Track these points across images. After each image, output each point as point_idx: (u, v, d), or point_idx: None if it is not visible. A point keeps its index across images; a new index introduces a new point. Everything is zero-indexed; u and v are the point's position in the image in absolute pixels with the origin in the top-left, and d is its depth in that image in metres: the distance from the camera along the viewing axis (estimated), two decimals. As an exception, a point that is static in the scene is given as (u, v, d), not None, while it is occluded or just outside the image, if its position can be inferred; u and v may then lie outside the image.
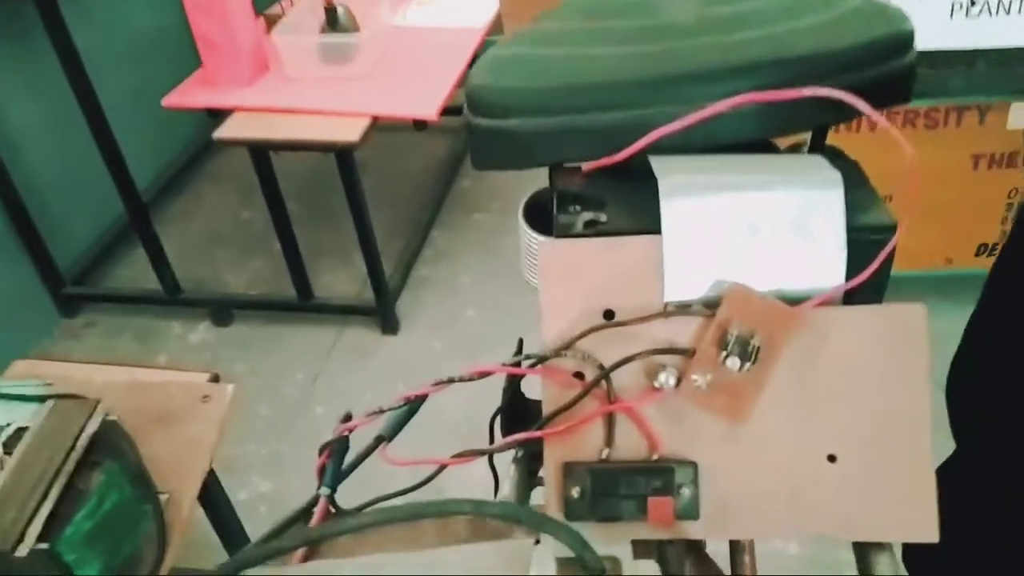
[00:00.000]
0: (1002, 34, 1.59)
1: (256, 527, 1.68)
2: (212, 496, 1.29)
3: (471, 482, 0.60)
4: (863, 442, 0.46)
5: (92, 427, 0.96)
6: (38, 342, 2.17)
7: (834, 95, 0.45)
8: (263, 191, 1.88)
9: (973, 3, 1.57)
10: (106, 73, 1.99)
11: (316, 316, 2.15)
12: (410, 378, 1.98)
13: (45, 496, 0.88)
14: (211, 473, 1.21)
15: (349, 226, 1.96)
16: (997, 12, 1.59)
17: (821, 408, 0.46)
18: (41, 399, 1.01)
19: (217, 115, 1.85)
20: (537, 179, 0.63)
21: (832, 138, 0.58)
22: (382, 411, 0.50)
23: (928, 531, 0.45)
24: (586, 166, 0.52)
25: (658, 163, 0.50)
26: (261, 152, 1.80)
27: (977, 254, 1.90)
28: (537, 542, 0.31)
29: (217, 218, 2.55)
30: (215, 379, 1.29)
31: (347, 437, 0.50)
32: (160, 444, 1.12)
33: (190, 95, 1.83)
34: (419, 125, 2.75)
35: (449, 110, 1.73)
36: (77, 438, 0.94)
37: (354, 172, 1.80)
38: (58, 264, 2.17)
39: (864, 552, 0.48)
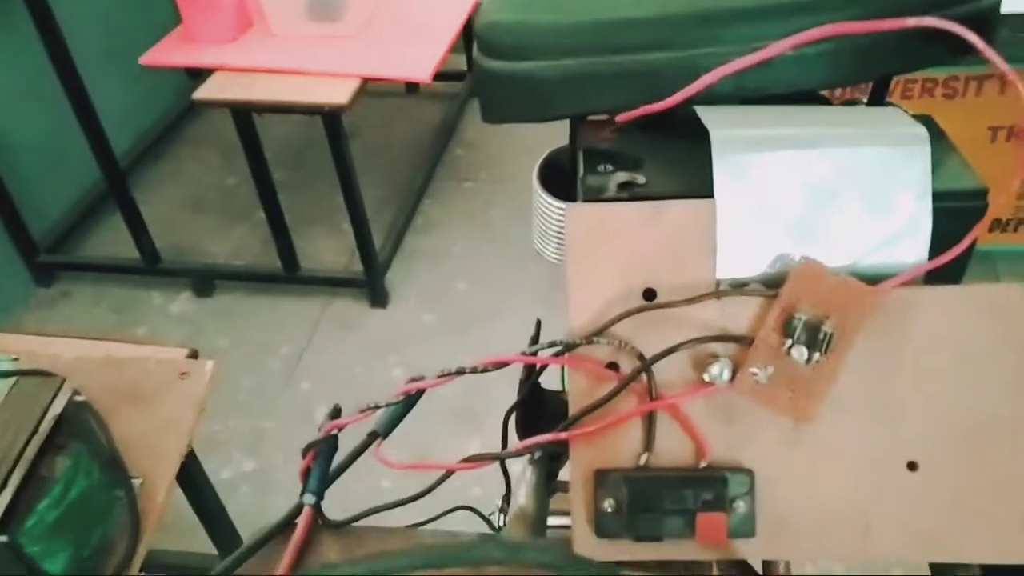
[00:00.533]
0: (1028, -2, 1.51)
1: (239, 508, 1.60)
2: (191, 478, 1.22)
3: (480, 482, 0.53)
4: (950, 447, 0.39)
5: (57, 407, 0.89)
6: (11, 312, 2.08)
7: (946, 26, 0.37)
8: (247, 156, 1.79)
9: (999, -37, 1.48)
10: (80, 31, 1.88)
11: (302, 287, 2.08)
12: (400, 352, 1.91)
13: (4, 484, 0.81)
14: (190, 454, 1.14)
15: (337, 194, 1.88)
16: (1023, -26, 1.50)
17: (901, 407, 0.39)
18: (5, 375, 0.93)
19: (198, 75, 1.75)
20: (540, 145, 0.54)
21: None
22: (377, 407, 0.42)
23: (1022, 552, 0.39)
24: (620, 117, 0.44)
25: (708, 114, 0.42)
26: (244, 114, 1.70)
27: (991, 230, 1.83)
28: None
29: (199, 184, 2.46)
30: (194, 355, 1.21)
31: (335, 436, 0.43)
32: (134, 424, 1.04)
33: (169, 53, 1.72)
34: (411, 88, 2.65)
35: (442, 74, 1.64)
36: (40, 420, 0.87)
37: (342, 137, 1.72)
38: (32, 232, 2.08)
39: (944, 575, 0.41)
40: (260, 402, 1.83)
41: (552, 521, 0.55)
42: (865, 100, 0.53)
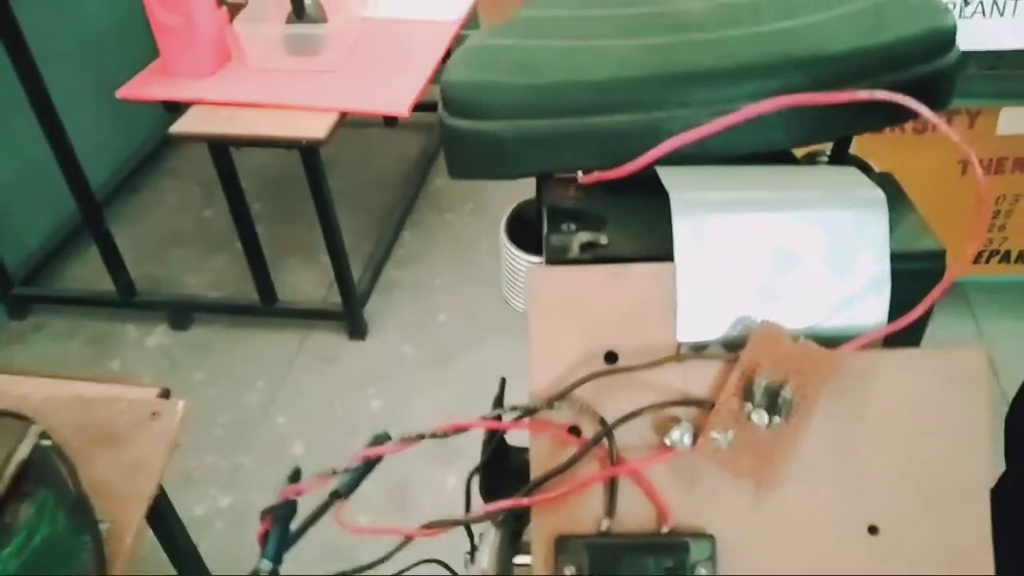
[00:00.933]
0: (995, 37, 1.54)
1: (212, 545, 1.58)
2: (162, 518, 1.20)
3: (444, 541, 0.53)
4: (910, 511, 0.39)
5: (23, 452, 0.87)
6: (-18, 346, 2.05)
7: (895, 99, 0.38)
8: (224, 190, 1.79)
9: (967, 3, 1.51)
10: (57, 63, 1.88)
11: (280, 320, 2.06)
12: (379, 385, 1.90)
13: (-35, 533, 0.79)
14: (161, 494, 1.12)
15: (315, 226, 1.87)
16: (991, 14, 1.54)
17: (861, 470, 0.39)
18: (-27, 415, 0.91)
19: (175, 108, 1.74)
20: (522, 179, 0.55)
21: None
22: (335, 473, 0.42)
23: (986, 615, 0.38)
24: (582, 179, 0.45)
25: (668, 175, 0.42)
26: (221, 148, 1.70)
27: (964, 262, 1.86)
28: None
29: (176, 217, 2.44)
30: (165, 394, 1.19)
31: (294, 501, 0.42)
32: (104, 467, 1.03)
33: (146, 86, 1.72)
34: (390, 121, 2.66)
35: (421, 106, 1.64)
36: (5, 466, 0.85)
37: (320, 170, 1.71)
38: (6, 263, 2.06)
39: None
40: (236, 437, 1.81)
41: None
42: (828, 153, 0.54)
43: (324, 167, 1.74)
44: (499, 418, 0.39)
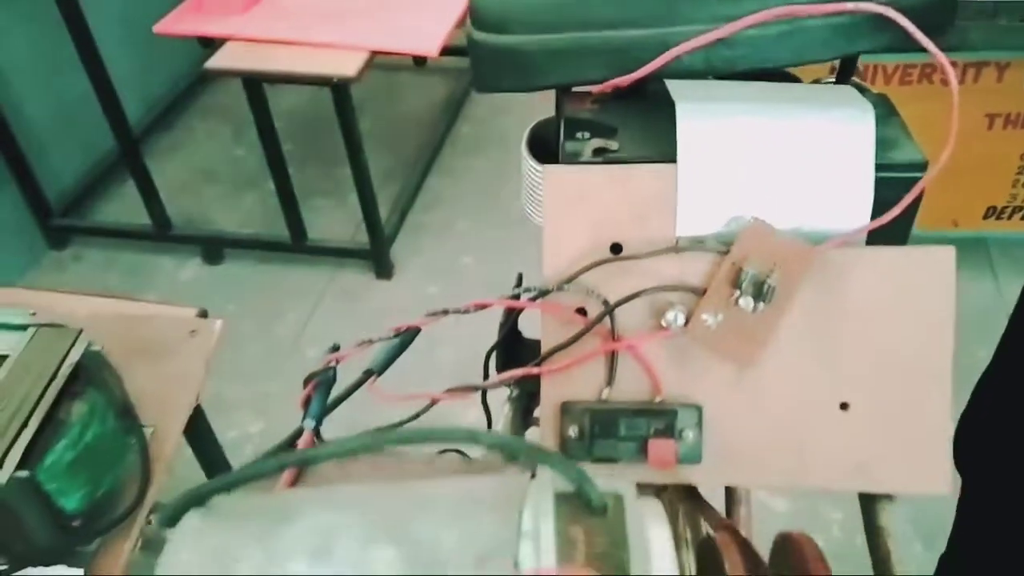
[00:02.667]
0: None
1: (243, 466, 1.67)
2: (198, 432, 1.27)
3: (463, 422, 0.58)
4: (878, 390, 0.43)
5: (75, 356, 0.94)
6: (24, 273, 2.13)
7: (880, 11, 0.41)
8: (257, 126, 1.83)
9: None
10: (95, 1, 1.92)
11: (309, 258, 2.12)
12: (403, 323, 1.96)
13: (25, 424, 0.86)
14: (197, 409, 1.19)
15: (344, 168, 1.92)
16: (1020, -38, 1.53)
17: (836, 353, 0.44)
18: (23, 327, 0.98)
19: (209, 45, 1.79)
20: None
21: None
22: (371, 342, 0.47)
23: (940, 484, 0.43)
24: (596, 88, 0.49)
25: (676, 88, 0.46)
26: (255, 84, 1.74)
27: (985, 216, 1.87)
28: (533, 476, 0.29)
29: (209, 155, 2.50)
30: (203, 314, 1.26)
31: (334, 368, 0.48)
32: (146, 378, 1.09)
33: (182, 22, 1.76)
34: (419, 62, 2.68)
35: (449, 50, 1.67)
36: (59, 367, 0.92)
37: (350, 109, 1.75)
38: (47, 195, 2.12)
39: (870, 504, 0.45)
40: (266, 367, 1.88)
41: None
42: (833, 79, 0.57)
43: (354, 108, 1.78)
44: (517, 298, 0.44)
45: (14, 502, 0.85)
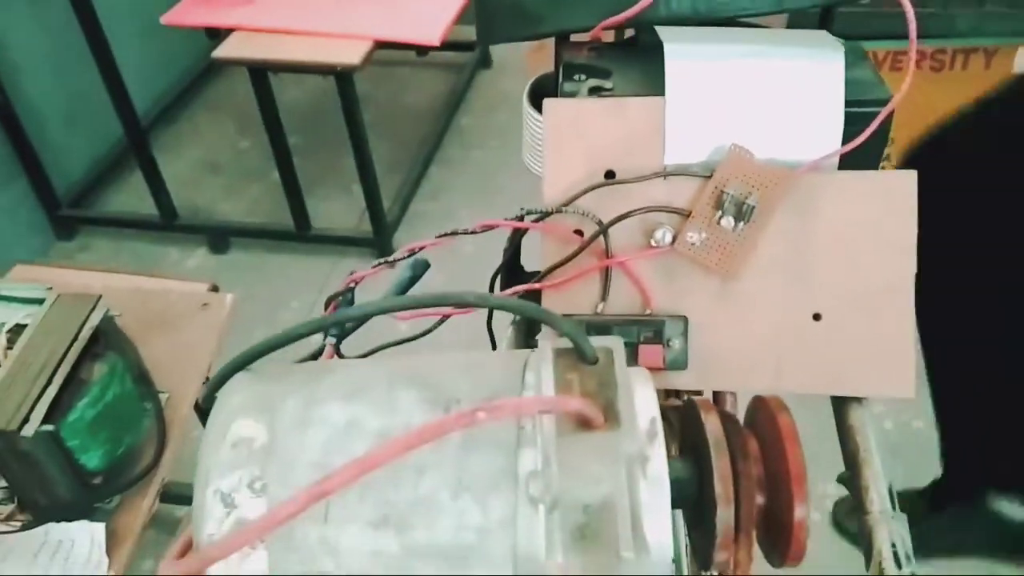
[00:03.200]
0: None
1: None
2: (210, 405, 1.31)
3: (469, 344, 0.62)
4: (848, 302, 0.48)
5: (95, 320, 0.98)
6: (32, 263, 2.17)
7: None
8: (262, 115, 1.88)
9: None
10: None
11: (313, 246, 2.16)
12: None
13: (49, 382, 0.90)
14: (208, 379, 1.23)
15: (348, 159, 1.96)
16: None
17: (810, 269, 0.48)
18: (40, 301, 1.02)
19: (216, 37, 1.83)
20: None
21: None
22: (386, 262, 0.51)
23: (905, 387, 0.47)
24: (592, 33, 0.53)
25: (665, 33, 0.51)
26: (261, 74, 1.79)
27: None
28: (532, 348, 0.33)
29: (214, 147, 2.55)
30: (214, 289, 1.30)
31: (352, 289, 0.52)
32: (160, 347, 1.13)
33: (190, 13, 1.81)
34: (421, 52, 2.72)
35: (452, 44, 1.72)
36: (80, 330, 0.96)
37: (354, 97, 1.80)
38: (55, 186, 2.17)
39: (841, 405, 0.50)
40: (272, 353, 1.92)
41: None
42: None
43: (358, 97, 1.83)
44: (520, 219, 0.48)
45: (39, 455, 0.89)
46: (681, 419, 0.38)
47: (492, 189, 2.33)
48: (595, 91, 0.51)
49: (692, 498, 0.35)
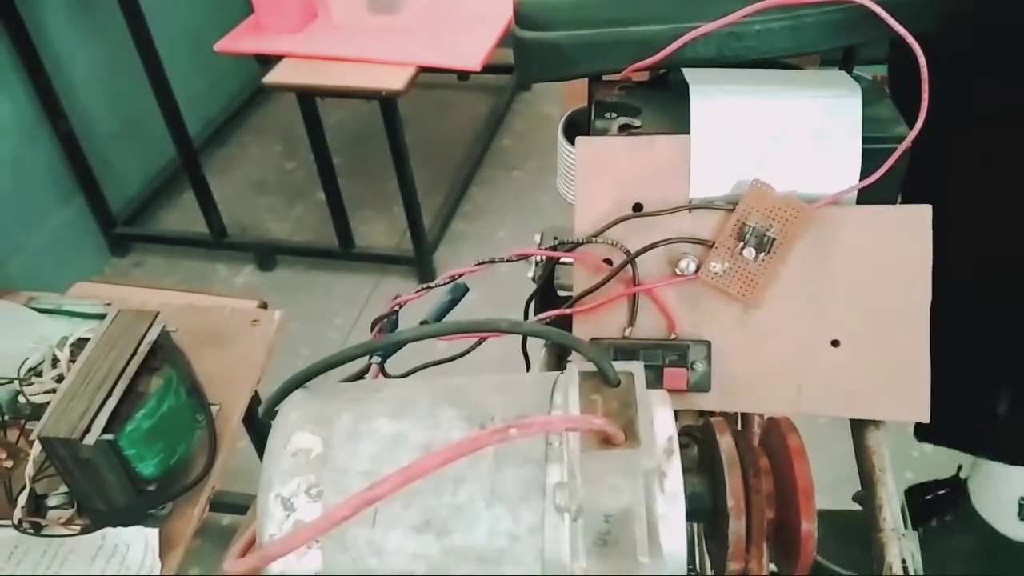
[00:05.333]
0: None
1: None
2: (258, 420, 1.35)
3: (503, 365, 0.65)
4: (865, 330, 0.50)
5: (153, 335, 1.03)
6: (88, 279, 2.26)
7: (860, 0, 0.49)
8: (309, 138, 1.94)
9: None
10: (160, 19, 2.05)
11: (356, 264, 2.21)
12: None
13: (109, 394, 0.95)
14: (256, 395, 1.28)
15: (390, 180, 2.01)
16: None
17: (828, 297, 0.51)
18: (101, 316, 1.07)
19: (266, 63, 1.90)
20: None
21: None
22: (428, 287, 0.55)
23: (920, 412, 0.50)
24: (622, 74, 0.57)
25: (692, 74, 0.54)
26: (308, 98, 1.85)
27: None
28: (562, 371, 0.36)
29: (261, 168, 2.62)
30: (263, 306, 1.35)
31: (397, 313, 0.56)
32: (212, 361, 1.18)
33: (240, 41, 1.88)
34: (462, 77, 2.78)
35: (492, 67, 1.77)
36: (139, 344, 1.01)
37: (398, 121, 1.85)
38: (110, 205, 2.25)
39: (858, 427, 0.52)
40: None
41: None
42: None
43: (401, 121, 1.88)
44: (554, 248, 0.52)
45: (99, 463, 0.94)
46: (699, 438, 0.41)
47: (531, 209, 2.37)
48: (625, 128, 0.54)
49: (708, 511, 0.38)
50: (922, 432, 0.67)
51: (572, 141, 0.67)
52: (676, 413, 0.58)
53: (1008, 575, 0.66)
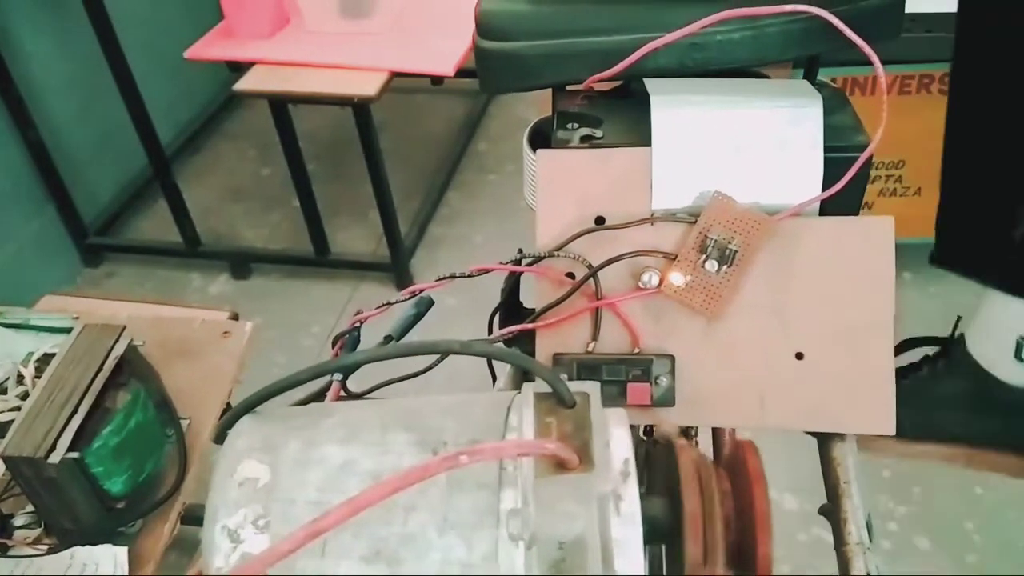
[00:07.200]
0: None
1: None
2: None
3: (470, 378, 0.65)
4: (829, 342, 0.50)
5: (119, 350, 1.01)
6: (61, 290, 2.22)
7: (814, 12, 0.48)
8: (282, 145, 1.92)
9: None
10: (129, 27, 2.03)
11: (332, 271, 2.20)
12: (423, 334, 2.01)
13: (75, 411, 0.93)
14: (228, 407, 1.26)
15: (366, 186, 2.00)
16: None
17: (791, 310, 0.50)
18: (68, 330, 1.06)
19: (238, 69, 1.88)
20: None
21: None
22: (389, 304, 0.54)
23: (885, 425, 0.49)
24: (584, 84, 0.56)
25: (653, 84, 0.53)
26: (280, 105, 1.84)
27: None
28: (518, 392, 0.36)
29: (235, 175, 2.60)
30: (235, 317, 1.34)
31: (359, 328, 0.55)
32: (182, 375, 1.16)
33: (211, 47, 1.87)
34: (436, 82, 2.76)
35: (467, 72, 1.76)
36: (105, 359, 0.99)
37: (371, 127, 1.84)
38: (82, 215, 2.22)
39: (824, 440, 0.52)
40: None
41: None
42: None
43: (375, 127, 1.87)
44: (517, 263, 0.51)
45: (64, 481, 0.92)
46: (659, 458, 0.41)
47: (508, 213, 2.36)
48: (587, 139, 0.54)
49: (668, 533, 0.37)
50: (937, 258, 0.64)
51: (536, 149, 0.66)
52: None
53: (999, 421, 0.65)
